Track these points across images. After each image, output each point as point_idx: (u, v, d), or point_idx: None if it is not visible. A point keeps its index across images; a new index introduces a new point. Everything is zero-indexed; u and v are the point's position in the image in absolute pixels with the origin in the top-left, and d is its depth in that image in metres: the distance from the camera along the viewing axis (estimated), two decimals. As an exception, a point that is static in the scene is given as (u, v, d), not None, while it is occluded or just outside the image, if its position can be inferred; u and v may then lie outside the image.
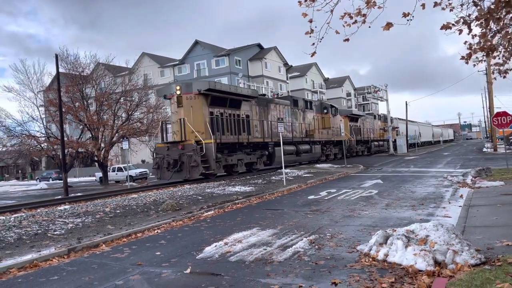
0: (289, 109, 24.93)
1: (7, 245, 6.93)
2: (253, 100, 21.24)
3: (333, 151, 30.99)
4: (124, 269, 5.44)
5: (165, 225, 8.39)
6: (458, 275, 4.37)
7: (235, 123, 19.52)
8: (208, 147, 17.01)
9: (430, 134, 73.40)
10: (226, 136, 18.65)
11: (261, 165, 21.92)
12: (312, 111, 27.98)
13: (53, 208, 10.53)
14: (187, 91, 17.84)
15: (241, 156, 19.82)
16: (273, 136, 22.36)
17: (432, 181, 14.55)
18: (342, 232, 6.93)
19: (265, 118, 22.33)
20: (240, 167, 19.69)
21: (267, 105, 22.80)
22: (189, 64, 56.16)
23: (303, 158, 26.03)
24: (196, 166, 16.62)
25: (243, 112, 20.37)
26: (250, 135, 20.51)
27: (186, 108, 17.72)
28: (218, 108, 18.63)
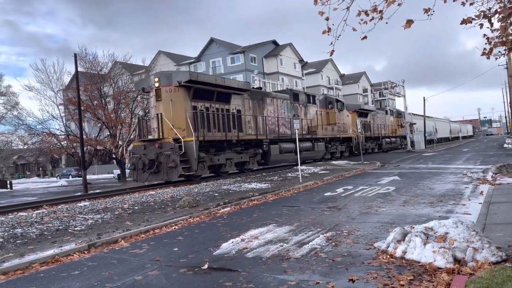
0: (288, 104, 23.08)
1: (30, 240, 7.10)
2: (245, 94, 19.37)
3: (339, 148, 28.92)
4: (143, 264, 5.52)
5: (182, 222, 8.47)
6: (478, 272, 4.31)
7: (223, 118, 17.67)
8: (189, 146, 15.33)
9: (447, 130, 71.35)
10: (212, 133, 16.97)
11: (255, 164, 20.14)
12: (315, 106, 25.91)
13: (74, 205, 10.75)
14: (166, 83, 16.12)
15: (230, 155, 18.12)
16: (269, 133, 20.71)
17: (451, 177, 14.32)
18: (359, 229, 6.89)
19: (260, 113, 20.46)
20: (229, 167, 18.04)
21: (263, 99, 20.90)
22: (204, 61, 56.44)
23: (304, 157, 23.82)
24: (175, 167, 14.98)
25: (234, 107, 18.52)
26: (242, 132, 18.67)
27: (165, 102, 16.05)
28: (203, 102, 16.86)
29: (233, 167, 18.40)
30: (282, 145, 21.33)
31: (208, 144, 16.95)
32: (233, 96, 18.43)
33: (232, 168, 18.30)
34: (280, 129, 21.79)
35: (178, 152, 14.96)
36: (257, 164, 20.20)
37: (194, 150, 15.24)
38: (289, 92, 24.11)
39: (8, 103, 45.50)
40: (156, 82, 16.28)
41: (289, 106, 23.10)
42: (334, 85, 74.53)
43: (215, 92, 17.30)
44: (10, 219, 8.78)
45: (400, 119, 44.69)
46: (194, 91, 16.38)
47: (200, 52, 57.12)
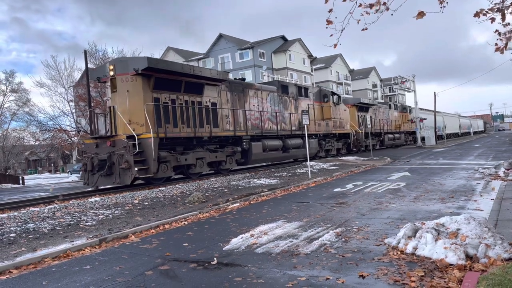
0: (275, 96, 20.98)
1: (42, 235, 7.19)
2: (222, 85, 17.27)
3: (335, 145, 26.66)
4: (153, 259, 5.56)
5: (192, 217, 8.51)
6: (490, 269, 4.26)
7: (193, 112, 15.56)
8: (147, 144, 13.35)
9: (456, 125, 69.64)
10: (179, 129, 14.95)
11: (233, 164, 17.86)
12: (308, 99, 23.79)
13: (85, 200, 10.85)
14: (122, 71, 13.92)
15: (202, 154, 15.95)
16: (252, 129, 18.72)
17: (462, 173, 14.16)
18: (369, 225, 6.86)
19: (241, 106, 18.33)
20: (200, 168, 15.91)
21: (244, 91, 18.74)
22: (213, 57, 56.48)
23: (293, 155, 22.05)
24: (128, 168, 12.94)
25: (208, 99, 16.40)
26: (218, 127, 16.69)
27: (120, 94, 13.93)
28: (168, 93, 14.77)
29: (206, 168, 16.27)
30: (266, 142, 19.34)
31: (174, 141, 14.99)
32: (206, 87, 16.31)
33: (204, 169, 16.21)
34: (265, 124, 19.79)
35: (132, 151, 12.91)
36: (235, 163, 18.08)
37: (152, 149, 13.27)
38: (277, 83, 21.95)
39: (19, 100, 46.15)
40: (110, 70, 14.08)
41: (276, 99, 21.03)
42: (344, 81, 74.10)
43: (183, 82, 15.19)
44: (23, 214, 8.91)
45: (405, 114, 43.12)
46: (156, 80, 14.25)
47: (209, 48, 57.15)
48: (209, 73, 16.21)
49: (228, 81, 17.78)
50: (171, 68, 14.50)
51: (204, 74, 15.84)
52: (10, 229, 7.59)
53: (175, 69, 14.62)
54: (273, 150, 20.04)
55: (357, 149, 29.53)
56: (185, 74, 15.02)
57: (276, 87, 21.32)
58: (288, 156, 21.58)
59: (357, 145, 29.58)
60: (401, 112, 42.38)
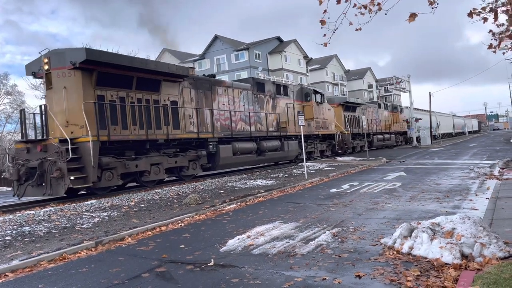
0: (250, 95, 19.14)
1: (37, 238, 7.16)
2: (185, 81, 15.56)
3: (318, 147, 24.75)
4: (150, 261, 5.55)
5: (188, 219, 8.50)
6: (486, 268, 4.29)
7: (148, 112, 13.81)
8: (85, 148, 11.55)
9: (450, 125, 69.10)
10: (130, 131, 13.10)
11: (197, 169, 15.90)
12: (288, 98, 22.05)
13: (80, 203, 10.80)
14: (58, 65, 12.03)
15: (158, 159, 14.03)
16: (221, 130, 17.02)
17: (457, 173, 14.24)
18: (365, 225, 6.88)
19: (208, 105, 16.58)
20: (155, 175, 13.93)
21: (212, 89, 16.96)
22: (209, 59, 56.49)
23: (270, 158, 20.23)
24: (60, 177, 11.09)
25: (166, 97, 14.68)
26: (180, 129, 14.97)
27: (56, 91, 12.05)
28: (115, 90, 12.92)
29: (163, 174, 14.36)
30: (237, 145, 17.55)
31: (122, 145, 13.08)
32: (164, 83, 14.55)
33: (160, 175, 14.26)
34: (237, 125, 18.05)
35: (65, 157, 11.11)
36: (200, 168, 16.13)
37: (91, 155, 11.45)
38: (251, 81, 20.04)
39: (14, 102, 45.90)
40: (45, 64, 12.12)
41: (250, 98, 19.21)
42: (339, 81, 74.30)
43: (134, 78, 13.35)
44: (18, 217, 8.86)
45: (396, 114, 41.68)
46: (99, 75, 12.40)
47: (205, 49, 57.16)
48: (167, 68, 14.35)
49: (192, 78, 16.08)
50: (117, 62, 12.61)
51: (160, 69, 14.02)
52: (5, 232, 7.55)
53: (123, 63, 12.73)
54: (246, 153, 18.22)
55: (343, 151, 28.08)
56: (137, 69, 13.21)
57: (250, 84, 19.50)
58: (264, 159, 19.85)
59: (343, 147, 28.08)
60: (391, 112, 40.99)
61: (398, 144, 41.52)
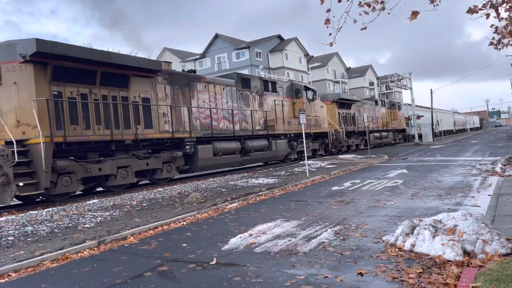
0: (234, 91, 17.96)
1: (40, 238, 7.18)
2: (159, 77, 14.37)
3: (310, 146, 23.60)
4: (152, 260, 5.56)
5: (190, 217, 8.52)
6: (488, 264, 4.29)
7: (115, 110, 12.60)
8: (36, 151, 10.44)
9: (451, 122, 67.97)
10: (93, 130, 11.91)
11: (173, 172, 14.67)
12: (276, 95, 20.86)
13: (83, 202, 10.82)
14: (8, 58, 10.91)
15: (125, 162, 12.79)
16: (201, 129, 15.85)
17: (459, 170, 14.22)
18: (367, 223, 6.88)
19: (185, 103, 15.39)
20: (123, 179, 12.75)
21: (190, 85, 15.75)
22: (210, 57, 56.48)
23: (256, 158, 19.04)
24: (6, 183, 10.01)
25: (137, 94, 13.45)
26: (152, 128, 13.79)
27: (6, 87, 10.91)
28: (75, 86, 11.65)
29: (132, 178, 13.07)
30: (218, 145, 16.40)
31: (83, 147, 11.95)
32: (134, 79, 13.32)
33: (129, 179, 12.98)
34: (219, 123, 16.92)
35: (12, 161, 10.04)
36: (176, 171, 14.89)
37: (43, 158, 10.30)
38: (236, 76, 18.66)
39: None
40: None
41: (234, 95, 18.00)
42: (340, 79, 74.24)
43: (99, 72, 12.18)
44: (21, 217, 8.88)
45: (394, 111, 40.46)
46: (55, 69, 11.18)
47: (205, 48, 57.15)
48: (136, 62, 13.02)
49: (167, 73, 14.91)
50: (75, 54, 11.23)
51: (127, 63, 12.69)
52: (8, 232, 7.58)
53: (82, 55, 11.38)
54: (229, 154, 17.04)
55: (337, 150, 26.93)
56: (101, 63, 12.01)
57: (234, 80, 18.27)
58: (249, 160, 18.59)
59: (337, 145, 26.96)
60: (389, 109, 39.53)
61: (396, 142, 40.55)
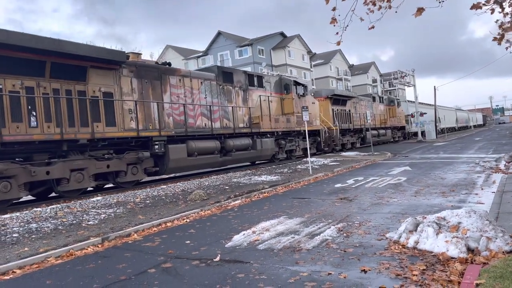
0: (214, 86, 16.49)
1: (44, 235, 7.22)
2: (124, 69, 12.97)
3: (301, 145, 22.25)
4: (156, 257, 5.58)
5: (193, 215, 8.54)
6: (492, 262, 4.28)
7: (69, 106, 11.22)
8: None
9: (453, 119, 66.86)
10: (41, 129, 10.64)
11: (139, 174, 13.26)
12: (263, 90, 19.46)
13: (87, 199, 10.86)
14: None
15: (80, 164, 11.47)
16: (174, 126, 14.44)
17: (463, 167, 14.18)
18: (370, 220, 6.88)
19: (156, 98, 14.00)
20: (78, 183, 11.40)
21: (162, 78, 14.34)
22: (212, 55, 56.46)
23: (238, 159, 17.61)
24: None
25: (97, 88, 12.01)
26: (115, 126, 12.45)
27: None
28: (18, 78, 10.33)
29: (88, 182, 11.76)
30: (193, 144, 14.95)
31: (25, 148, 10.54)
32: (93, 71, 11.93)
33: (85, 183, 11.66)
34: (196, 121, 15.52)
35: None
36: (144, 173, 13.51)
37: None
38: (216, 70, 17.22)
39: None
40: None
41: (214, 89, 16.55)
42: (343, 76, 74.08)
43: (48, 63, 10.83)
44: (25, 214, 8.93)
45: (393, 107, 38.82)
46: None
47: (208, 45, 57.13)
48: (93, 52, 11.67)
49: (134, 65, 13.47)
50: (16, 42, 9.81)
51: (83, 53, 11.23)
52: (13, 229, 7.62)
53: (26, 44, 9.99)
54: (206, 154, 15.61)
55: (330, 149, 25.74)
56: (51, 52, 10.62)
57: (215, 74, 16.83)
58: (230, 160, 17.19)
59: (330, 144, 25.69)
60: (387, 105, 37.97)
61: (395, 140, 39.26)
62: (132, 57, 14.06)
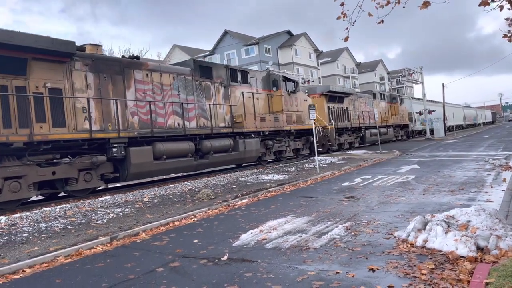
0: (188, 81, 14.98)
1: (54, 234, 7.29)
2: (76, 62, 11.46)
3: (291, 145, 20.59)
4: (164, 256, 5.61)
5: (201, 214, 8.56)
6: (501, 260, 4.24)
7: (5, 104, 9.86)
8: None
9: (460, 116, 65.04)
10: None
11: (95, 181, 11.70)
12: (249, 86, 17.93)
13: (95, 199, 10.95)
14: None
15: (17, 171, 9.88)
16: (140, 127, 13.04)
17: (472, 165, 14.05)
18: (378, 219, 6.84)
19: (119, 94, 12.49)
20: (13, 193, 9.80)
21: (125, 73, 12.79)
22: (219, 54, 56.55)
23: (216, 162, 15.79)
24: None
25: (41, 83, 10.64)
26: (65, 126, 11.04)
27: None
28: None
29: (27, 192, 10.16)
30: (162, 146, 13.30)
31: None
32: (35, 64, 10.54)
33: (23, 193, 10.05)
34: (167, 120, 13.99)
35: None
36: (100, 180, 11.96)
37: None
38: (192, 64, 15.63)
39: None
40: None
41: (190, 85, 15.04)
42: (350, 74, 73.80)
43: None
44: (35, 214, 9.02)
45: (395, 105, 36.90)
46: None
47: (215, 44, 57.23)
48: (33, 42, 10.09)
49: (90, 57, 11.91)
50: None
51: (21, 42, 9.81)
52: (23, 228, 7.71)
53: None
54: (178, 157, 13.96)
55: (325, 149, 24.14)
56: None
57: (190, 68, 15.30)
58: (207, 164, 15.45)
59: (325, 144, 24.03)
60: (389, 103, 35.97)
61: (397, 139, 37.42)
62: (90, 49, 12.44)
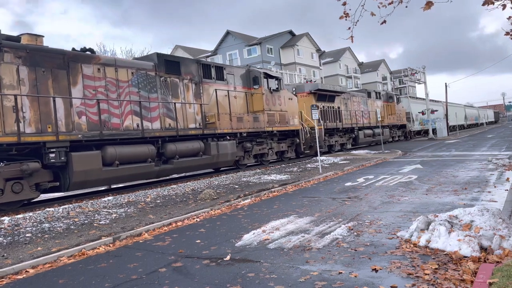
0: (151, 77, 13.39)
1: (57, 234, 7.30)
2: (7, 54, 9.82)
3: (274, 148, 19.10)
4: (166, 256, 5.61)
5: (203, 214, 8.56)
6: (505, 260, 4.22)
7: None
8: None
9: (462, 116, 63.64)
10: None
11: (27, 192, 10.04)
12: (224, 84, 16.33)
13: (98, 199, 10.96)
14: None
15: None
16: (89, 129, 11.36)
17: (475, 164, 14.01)
18: (381, 219, 6.83)
19: (62, 92, 10.88)
20: None
21: (70, 67, 11.16)
22: (221, 54, 56.57)
23: (182, 167, 14.14)
24: None
25: None
26: None
27: None
28: None
29: None
30: (114, 151, 11.71)
31: None
32: None
33: None
34: (123, 121, 12.37)
35: None
36: (35, 191, 10.35)
37: None
38: (156, 58, 13.88)
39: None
40: None
41: (153, 82, 13.46)
42: (353, 74, 73.71)
43: None
44: (38, 214, 9.04)
45: (392, 104, 35.29)
46: None
47: (217, 45, 57.29)
48: None
49: (24, 48, 10.26)
50: None
51: None
52: (26, 229, 7.73)
53: None
54: (135, 163, 12.33)
55: (313, 151, 21.82)
56: None
57: (153, 63, 13.65)
58: (171, 169, 13.83)
59: (313, 145, 21.26)
60: (386, 102, 34.38)
61: (394, 139, 35.99)
62: (28, 40, 10.90)
